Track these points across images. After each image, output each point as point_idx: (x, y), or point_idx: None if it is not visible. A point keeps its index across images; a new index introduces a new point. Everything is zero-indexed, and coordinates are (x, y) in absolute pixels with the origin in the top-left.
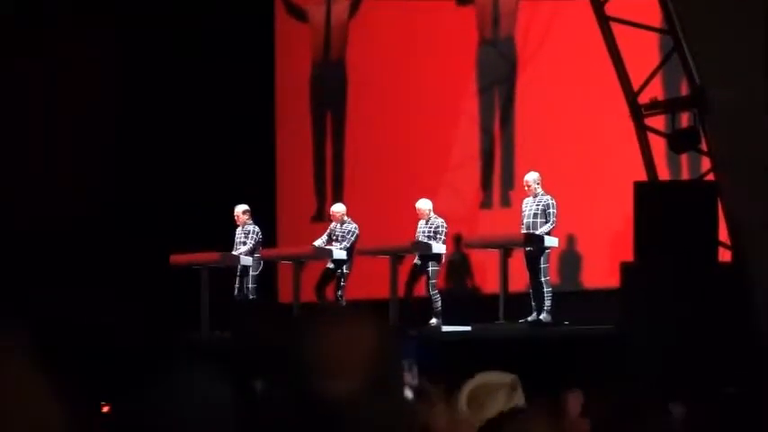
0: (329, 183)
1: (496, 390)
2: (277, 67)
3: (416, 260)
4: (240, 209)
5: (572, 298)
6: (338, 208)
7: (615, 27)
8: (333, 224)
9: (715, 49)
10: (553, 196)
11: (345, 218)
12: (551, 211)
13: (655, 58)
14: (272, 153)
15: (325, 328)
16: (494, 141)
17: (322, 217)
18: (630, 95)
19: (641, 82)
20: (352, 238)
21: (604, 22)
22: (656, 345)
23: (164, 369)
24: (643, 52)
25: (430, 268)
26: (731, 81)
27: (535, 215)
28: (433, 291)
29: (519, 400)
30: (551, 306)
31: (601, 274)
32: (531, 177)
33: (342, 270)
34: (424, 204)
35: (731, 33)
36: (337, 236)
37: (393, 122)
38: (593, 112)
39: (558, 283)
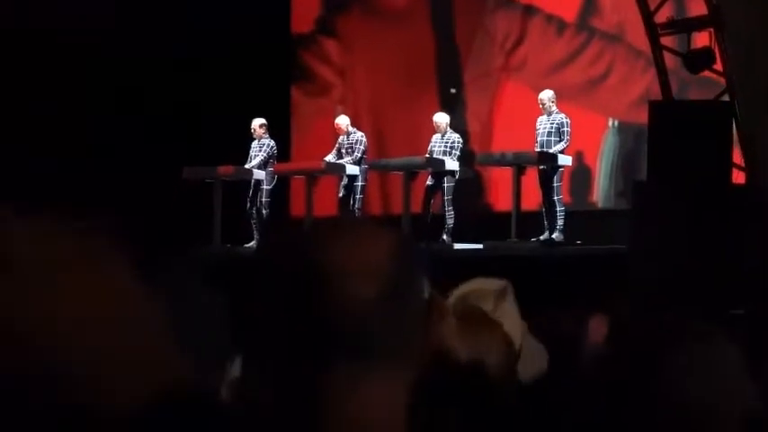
0: (338, 86)
1: (486, 295)
2: None
3: (429, 178)
4: (257, 122)
5: (584, 216)
6: (342, 120)
7: None
8: (340, 137)
9: None
10: (567, 115)
11: (350, 128)
12: (565, 129)
13: None
14: (288, 70)
15: (338, 240)
16: (509, 59)
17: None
18: (646, 14)
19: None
20: (362, 147)
21: None
22: (668, 265)
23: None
24: None
25: (445, 184)
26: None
27: (549, 134)
28: (448, 207)
29: (508, 307)
30: (564, 225)
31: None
32: (546, 95)
33: (357, 183)
34: (441, 118)
35: None
36: (346, 148)
37: (406, 33)
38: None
39: (570, 202)
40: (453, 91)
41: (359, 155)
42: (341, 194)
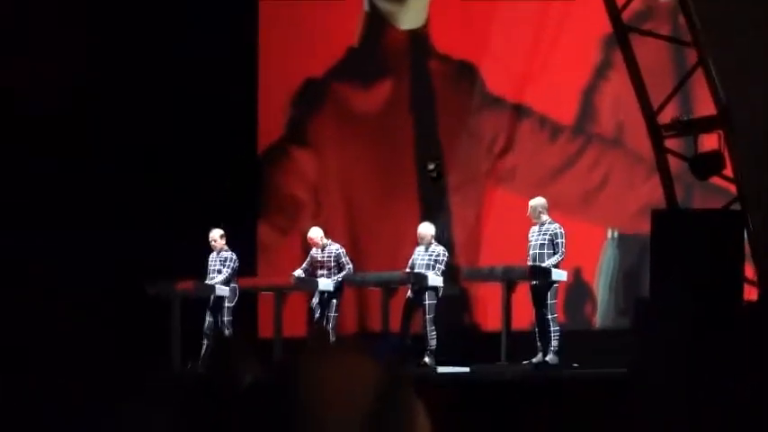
0: (310, 204)
1: None
2: (260, 78)
3: (409, 293)
4: (217, 233)
5: (581, 337)
6: (314, 233)
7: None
8: (313, 250)
9: (744, 65)
10: (561, 225)
11: (325, 240)
12: (559, 241)
13: (668, 76)
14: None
15: (316, 369)
16: (498, 164)
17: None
18: (649, 115)
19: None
20: (345, 259)
21: (623, 33)
22: (673, 389)
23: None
24: (658, 69)
25: (427, 302)
26: (761, 100)
27: (542, 246)
28: (429, 326)
29: None
30: (559, 346)
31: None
32: (536, 203)
33: (333, 300)
34: (426, 229)
35: (761, 48)
36: (321, 262)
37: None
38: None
39: (566, 320)
40: (431, 167)
41: (347, 267)
42: (315, 312)
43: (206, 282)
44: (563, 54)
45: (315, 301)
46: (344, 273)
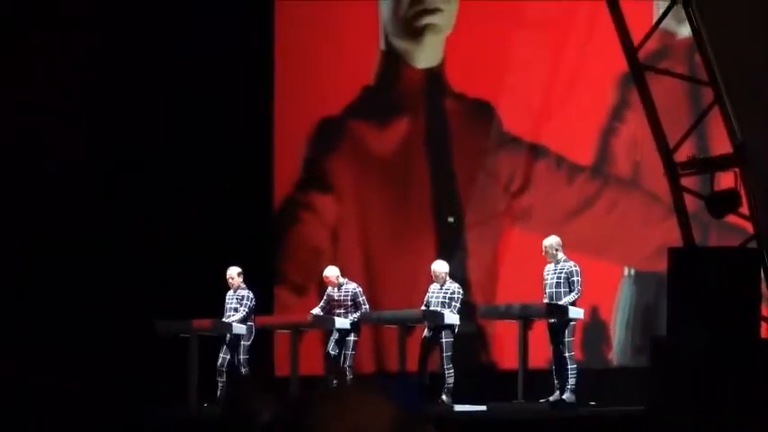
0: (328, 248)
1: None
2: (275, 118)
3: (426, 331)
4: (234, 270)
5: (598, 375)
6: (331, 271)
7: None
8: (329, 289)
9: (759, 103)
10: (577, 263)
11: (341, 279)
12: (575, 279)
13: (685, 115)
14: (269, 210)
15: (332, 411)
16: (514, 203)
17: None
18: (665, 153)
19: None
20: (361, 299)
21: (639, 71)
22: (690, 428)
23: None
24: (674, 108)
25: (444, 339)
26: None
27: (558, 284)
28: (447, 364)
29: None
30: (576, 385)
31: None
32: (550, 242)
33: (349, 338)
34: (440, 266)
35: None
36: (338, 301)
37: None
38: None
39: (583, 358)
40: (451, 220)
41: (363, 307)
42: (332, 351)
43: (223, 320)
44: (580, 93)
45: (332, 339)
46: (361, 312)
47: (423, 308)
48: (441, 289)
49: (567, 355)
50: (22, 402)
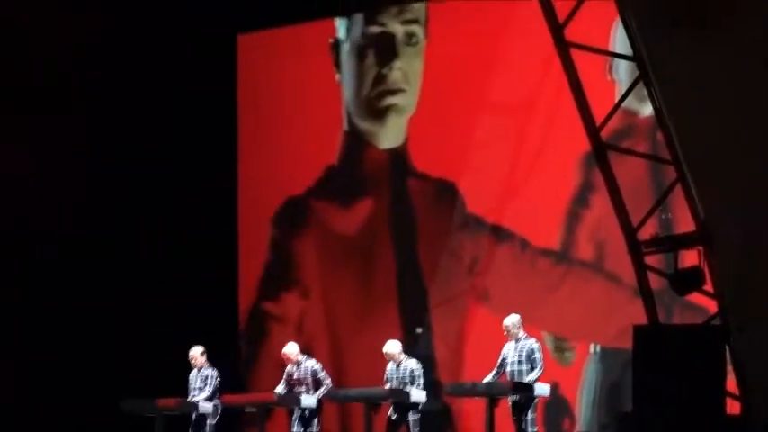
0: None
1: None
2: (240, 198)
3: (391, 411)
4: (197, 350)
5: None
6: (291, 348)
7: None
8: (288, 367)
9: (722, 182)
10: (537, 339)
11: (300, 356)
12: (537, 356)
13: (648, 194)
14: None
15: None
16: (478, 283)
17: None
18: (629, 231)
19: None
20: (322, 374)
21: (601, 151)
22: None
23: None
24: (637, 187)
25: (410, 418)
26: (740, 218)
27: (519, 362)
28: None
29: None
30: None
31: (594, 426)
32: (510, 321)
33: (313, 416)
34: (392, 347)
35: (740, 167)
36: (298, 380)
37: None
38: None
39: None
40: (419, 331)
41: (325, 383)
42: (297, 430)
43: (188, 399)
44: (543, 173)
45: (295, 418)
46: (325, 388)
47: (385, 386)
48: (398, 369)
49: (531, 431)
50: None
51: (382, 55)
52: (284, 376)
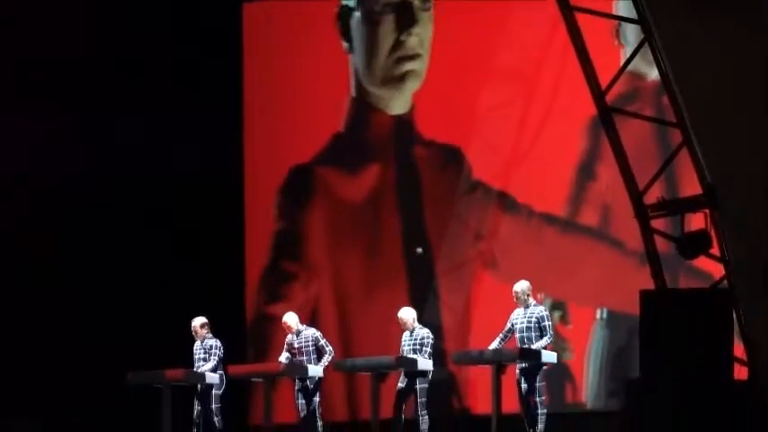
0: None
1: None
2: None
3: (401, 381)
4: (198, 322)
5: (571, 419)
6: (290, 318)
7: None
8: (288, 337)
9: (728, 144)
10: (546, 307)
11: (300, 325)
12: (546, 323)
13: (654, 157)
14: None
15: None
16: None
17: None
18: (635, 195)
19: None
20: (322, 341)
21: (607, 115)
22: None
23: None
24: (643, 150)
25: (418, 386)
26: (745, 178)
27: (528, 329)
28: (422, 411)
29: None
30: (545, 429)
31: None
32: (520, 287)
33: (316, 384)
34: (406, 314)
35: (745, 127)
36: (298, 348)
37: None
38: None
39: (555, 402)
40: (419, 251)
41: (327, 350)
42: (299, 398)
43: (194, 370)
44: (549, 139)
45: (297, 388)
46: (328, 356)
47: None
48: (411, 336)
49: (537, 399)
50: None
51: (401, 21)
52: (285, 346)
